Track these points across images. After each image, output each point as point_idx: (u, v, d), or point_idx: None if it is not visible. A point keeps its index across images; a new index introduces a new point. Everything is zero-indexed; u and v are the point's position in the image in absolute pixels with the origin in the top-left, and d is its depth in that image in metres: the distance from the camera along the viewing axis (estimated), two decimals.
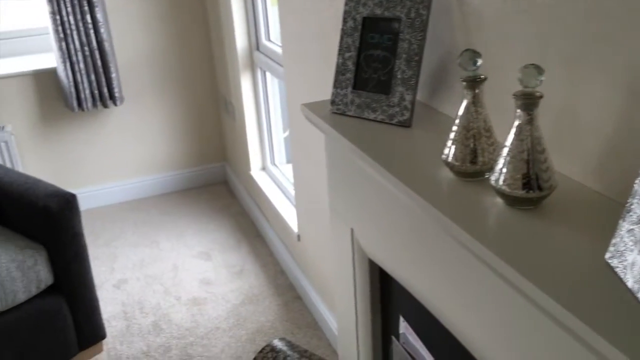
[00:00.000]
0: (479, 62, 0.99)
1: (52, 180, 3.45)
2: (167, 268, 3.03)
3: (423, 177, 1.06)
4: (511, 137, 0.91)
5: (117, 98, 3.31)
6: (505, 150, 0.92)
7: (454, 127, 1.03)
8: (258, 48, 3.02)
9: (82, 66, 3.18)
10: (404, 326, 1.36)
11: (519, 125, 0.90)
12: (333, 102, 1.41)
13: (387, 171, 1.08)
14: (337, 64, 1.40)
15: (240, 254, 3.10)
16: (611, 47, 0.88)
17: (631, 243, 0.75)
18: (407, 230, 1.21)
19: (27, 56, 3.39)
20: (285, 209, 2.88)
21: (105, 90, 3.26)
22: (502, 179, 0.92)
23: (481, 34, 1.15)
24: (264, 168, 3.30)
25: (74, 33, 3.11)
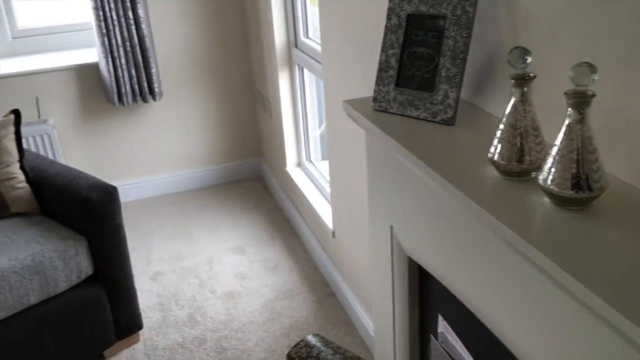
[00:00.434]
0: (529, 60, 0.98)
1: (91, 172, 3.52)
2: (203, 261, 3.06)
3: (468, 176, 1.05)
4: (561, 136, 0.90)
5: (157, 93, 3.37)
6: (554, 149, 0.91)
7: (501, 126, 1.02)
8: (296, 45, 3.03)
9: (124, 61, 3.24)
10: (443, 325, 1.35)
11: (570, 124, 0.89)
12: (375, 99, 1.40)
13: (432, 169, 1.08)
14: (380, 61, 1.40)
15: (274, 249, 3.12)
16: None
17: None
18: (449, 228, 1.20)
19: (71, 51, 3.47)
20: (320, 206, 2.89)
21: (145, 85, 3.32)
22: (551, 179, 0.91)
23: (529, 32, 1.13)
24: (300, 164, 3.32)
25: (116, 29, 3.17)
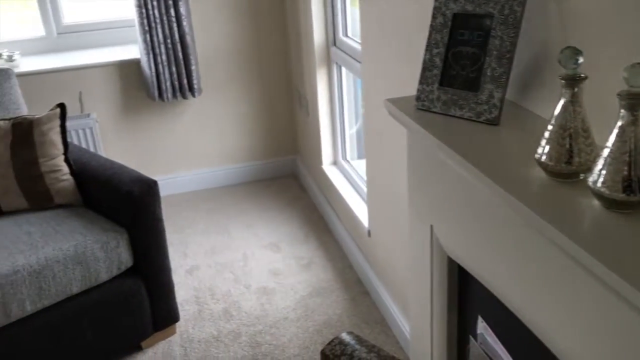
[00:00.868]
0: (580, 60, 0.97)
1: (130, 166, 3.58)
2: (238, 257, 3.10)
3: (514, 176, 1.05)
4: (613, 138, 0.89)
5: (196, 90, 3.41)
6: (605, 151, 0.90)
7: (549, 126, 1.01)
8: (335, 43, 3.03)
9: (164, 58, 3.29)
10: (483, 327, 1.34)
11: (622, 125, 0.88)
12: (418, 98, 1.40)
13: (477, 169, 1.07)
14: (424, 60, 1.40)
15: (308, 247, 3.14)
16: None
17: None
18: (492, 228, 1.19)
19: (114, 47, 3.54)
20: (355, 204, 2.89)
21: (185, 81, 3.37)
22: (601, 181, 0.90)
23: (579, 32, 1.12)
24: (335, 163, 3.32)
25: (158, 26, 3.22)
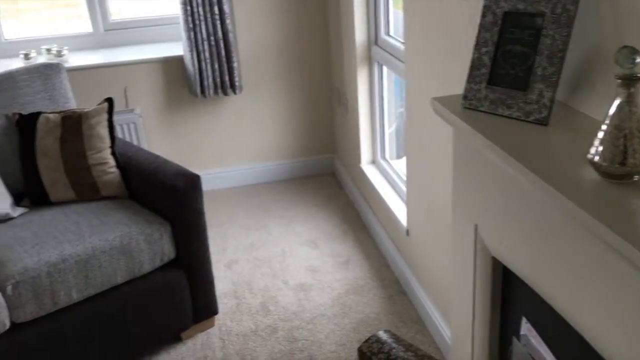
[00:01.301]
0: (638, 60, 0.95)
1: (172, 160, 3.65)
2: (276, 253, 3.12)
3: (565, 177, 1.04)
4: None
5: (237, 87, 3.46)
6: None
7: (603, 127, 1.00)
8: (376, 42, 3.03)
9: (207, 55, 3.34)
10: (527, 328, 1.33)
11: None
12: (465, 97, 1.40)
13: (528, 169, 1.07)
14: (473, 59, 1.39)
15: (346, 245, 3.15)
16: None
17: None
18: (540, 229, 1.18)
19: (158, 44, 3.61)
20: (394, 203, 2.89)
21: (226, 78, 3.41)
22: None
23: (634, 32, 1.10)
24: (374, 162, 3.32)
25: (202, 23, 3.27)
